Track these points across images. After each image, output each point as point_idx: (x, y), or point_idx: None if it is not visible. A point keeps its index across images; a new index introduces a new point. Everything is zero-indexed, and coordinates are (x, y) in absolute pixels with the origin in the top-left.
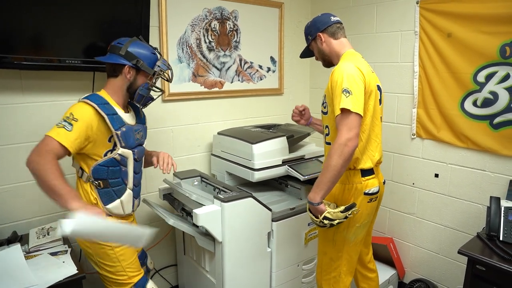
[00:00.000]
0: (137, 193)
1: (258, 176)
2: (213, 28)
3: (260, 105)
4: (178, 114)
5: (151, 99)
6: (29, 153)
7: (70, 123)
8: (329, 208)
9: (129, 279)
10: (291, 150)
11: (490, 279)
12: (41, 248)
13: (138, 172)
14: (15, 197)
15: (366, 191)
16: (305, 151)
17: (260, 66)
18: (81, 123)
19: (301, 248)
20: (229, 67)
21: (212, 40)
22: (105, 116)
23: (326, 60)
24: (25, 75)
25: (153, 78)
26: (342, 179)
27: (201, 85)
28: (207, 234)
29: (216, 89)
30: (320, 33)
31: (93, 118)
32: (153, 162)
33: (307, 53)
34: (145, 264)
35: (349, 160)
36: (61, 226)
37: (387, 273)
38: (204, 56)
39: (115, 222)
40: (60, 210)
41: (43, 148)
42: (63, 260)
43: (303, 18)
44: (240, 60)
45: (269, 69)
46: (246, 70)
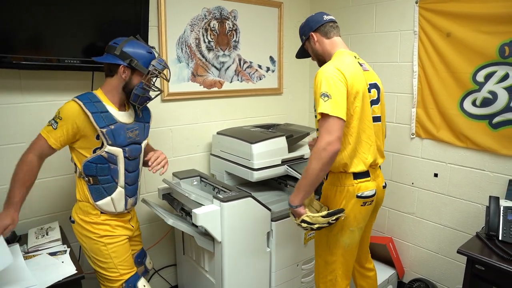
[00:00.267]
0: (131, 192)
1: (258, 176)
2: (212, 28)
3: (260, 105)
4: (177, 114)
5: (148, 99)
6: None
7: (56, 121)
8: (309, 212)
9: (120, 276)
10: (291, 150)
11: (489, 279)
12: (40, 248)
13: (133, 171)
14: None
15: (359, 194)
16: (305, 151)
17: (260, 66)
18: (64, 121)
19: (301, 248)
20: (228, 67)
21: (211, 40)
22: (89, 114)
23: (321, 60)
24: (24, 75)
25: (147, 78)
26: (334, 181)
27: (200, 85)
28: (207, 234)
29: (215, 89)
30: (313, 33)
31: (78, 116)
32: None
33: (303, 53)
34: (144, 264)
35: (329, 164)
36: None
37: (387, 273)
38: (203, 56)
39: None
40: (59, 210)
41: (29, 147)
42: (62, 260)
43: (302, 18)
44: (239, 60)
45: (269, 69)
46: (245, 70)
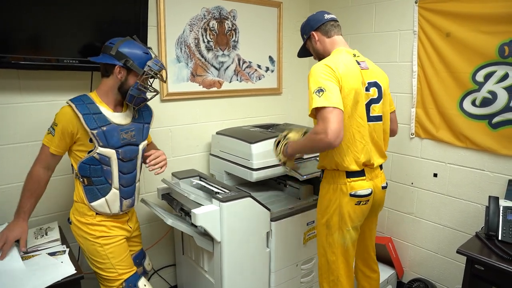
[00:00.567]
0: (127, 194)
1: (257, 176)
2: (212, 28)
3: (259, 105)
4: (177, 114)
5: (144, 100)
6: None
7: (53, 128)
8: (292, 162)
9: (119, 276)
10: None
11: (489, 279)
12: (39, 248)
13: (128, 173)
14: (13, 197)
15: (352, 193)
16: None
17: (259, 66)
18: (60, 127)
19: (300, 248)
20: (228, 67)
21: (211, 40)
22: (80, 116)
23: (321, 59)
24: (23, 75)
25: (142, 78)
26: (328, 179)
27: (200, 85)
28: (206, 234)
29: (215, 89)
30: (314, 32)
31: (71, 119)
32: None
33: (305, 52)
34: (142, 265)
35: (319, 149)
36: None
37: (386, 273)
38: (203, 56)
39: None
40: (59, 210)
41: (36, 159)
42: (61, 260)
43: (302, 18)
44: (239, 60)
45: (268, 69)
46: (245, 70)
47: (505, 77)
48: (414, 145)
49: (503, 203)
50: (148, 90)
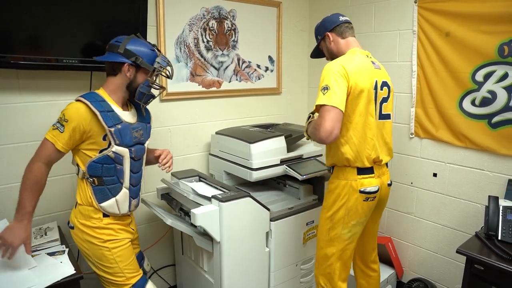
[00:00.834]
0: (135, 193)
1: (256, 176)
2: (211, 28)
3: (258, 105)
4: (176, 114)
5: (152, 97)
6: None
7: (62, 124)
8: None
9: (127, 280)
10: (289, 150)
11: (489, 279)
12: (39, 248)
13: (137, 172)
14: (13, 197)
15: (362, 190)
16: (303, 151)
17: (258, 66)
18: (71, 123)
19: (300, 248)
20: (227, 67)
21: (210, 40)
22: (98, 113)
23: (334, 59)
24: (23, 75)
25: (153, 75)
26: (338, 175)
27: (199, 85)
28: (205, 234)
29: (214, 89)
30: (329, 33)
31: (85, 116)
32: (157, 158)
33: (318, 54)
34: (142, 266)
35: (317, 142)
36: None
37: (386, 273)
38: (202, 56)
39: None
40: (58, 210)
41: (36, 155)
42: (61, 261)
43: (302, 18)
44: (238, 60)
45: (267, 69)
46: (244, 70)
47: (505, 77)
48: (414, 145)
49: (503, 203)
50: (158, 87)
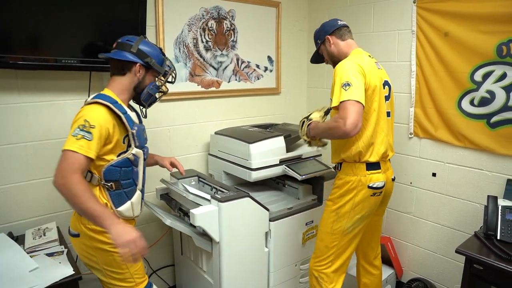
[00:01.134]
0: (143, 194)
1: (256, 176)
2: (210, 28)
3: (257, 105)
4: (175, 114)
5: (156, 99)
6: (55, 174)
7: (89, 131)
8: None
9: (136, 286)
10: (289, 150)
11: (488, 278)
12: (38, 249)
13: (144, 173)
14: (12, 198)
15: (370, 185)
16: (303, 151)
17: (257, 66)
18: (99, 129)
19: (299, 248)
20: (226, 67)
21: (209, 40)
22: (122, 115)
23: (336, 62)
24: (21, 75)
25: (161, 78)
26: (347, 171)
27: (198, 85)
28: (205, 234)
29: (213, 89)
30: (329, 36)
31: (109, 119)
32: (166, 166)
33: (317, 59)
34: None
35: (336, 137)
36: None
37: (385, 273)
38: (201, 56)
39: None
40: (57, 210)
41: (67, 169)
42: (60, 261)
43: (301, 18)
44: (237, 60)
45: (266, 69)
46: (243, 70)
47: (503, 77)
48: (413, 145)
49: (502, 203)
50: (167, 89)
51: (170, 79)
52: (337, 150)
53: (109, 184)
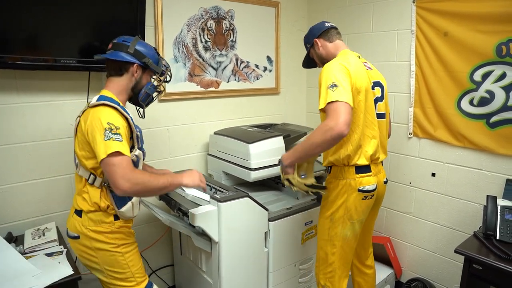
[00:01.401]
0: None
1: (255, 176)
2: (209, 28)
3: (257, 105)
4: (175, 114)
5: (153, 99)
6: (115, 184)
7: (117, 133)
8: (296, 176)
9: (137, 285)
10: (288, 150)
11: (487, 278)
12: (37, 249)
13: None
14: (11, 198)
15: (360, 188)
16: None
17: (257, 66)
18: (123, 130)
19: (298, 248)
20: (226, 67)
21: (208, 40)
22: (129, 118)
23: (325, 64)
24: (20, 75)
25: (158, 77)
26: (337, 175)
27: (197, 85)
28: (204, 234)
29: (213, 89)
30: (317, 39)
31: (122, 121)
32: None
33: (309, 63)
34: None
35: (329, 144)
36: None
37: (384, 273)
38: (200, 56)
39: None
40: (56, 211)
41: (124, 172)
42: (59, 261)
43: (300, 18)
44: (237, 60)
45: (266, 69)
46: (243, 70)
47: (503, 77)
48: (412, 145)
49: (501, 203)
50: (164, 89)
51: (167, 78)
52: (326, 154)
53: None
